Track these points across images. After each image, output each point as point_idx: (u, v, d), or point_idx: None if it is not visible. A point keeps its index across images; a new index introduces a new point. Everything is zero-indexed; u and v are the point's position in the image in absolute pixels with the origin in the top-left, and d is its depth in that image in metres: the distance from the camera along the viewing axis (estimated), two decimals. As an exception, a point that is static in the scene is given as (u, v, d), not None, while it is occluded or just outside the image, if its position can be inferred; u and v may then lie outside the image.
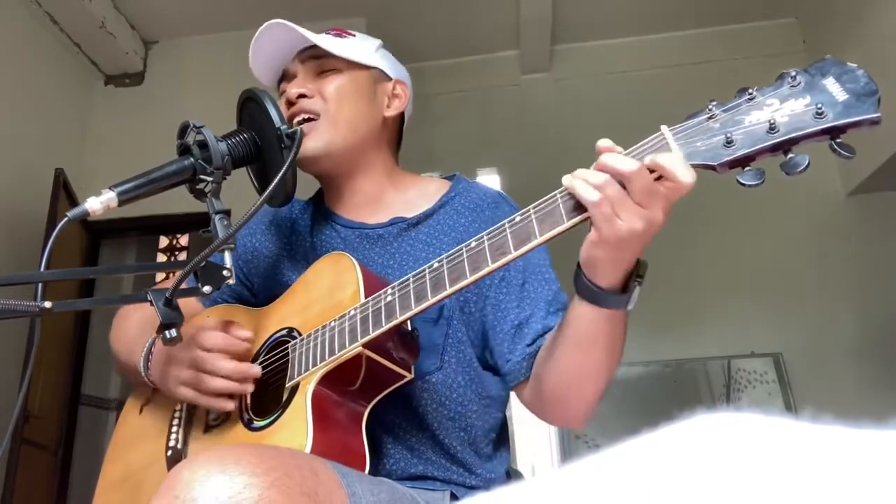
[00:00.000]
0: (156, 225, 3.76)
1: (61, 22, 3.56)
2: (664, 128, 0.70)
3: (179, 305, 0.83)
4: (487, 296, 0.99)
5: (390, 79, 1.13)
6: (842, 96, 0.62)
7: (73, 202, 3.21)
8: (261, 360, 0.97)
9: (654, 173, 0.67)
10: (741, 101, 0.67)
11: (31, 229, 3.10)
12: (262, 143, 0.95)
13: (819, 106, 0.62)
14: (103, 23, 3.59)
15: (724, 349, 3.58)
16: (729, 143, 0.65)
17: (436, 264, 0.80)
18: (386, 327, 0.81)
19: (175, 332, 0.81)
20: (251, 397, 0.94)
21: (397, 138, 1.18)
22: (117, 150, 3.64)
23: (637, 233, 0.68)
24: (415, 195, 1.11)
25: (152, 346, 0.99)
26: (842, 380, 3.27)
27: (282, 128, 0.90)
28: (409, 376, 0.89)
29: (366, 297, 0.87)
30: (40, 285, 0.79)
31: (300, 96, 1.05)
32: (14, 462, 2.74)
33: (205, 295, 0.85)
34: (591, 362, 0.83)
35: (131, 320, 1.12)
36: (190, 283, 0.86)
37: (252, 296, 1.15)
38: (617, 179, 0.68)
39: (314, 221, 1.13)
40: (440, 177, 1.16)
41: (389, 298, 0.83)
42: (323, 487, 0.67)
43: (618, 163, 0.68)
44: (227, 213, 0.89)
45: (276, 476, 0.62)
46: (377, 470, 0.90)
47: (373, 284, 0.89)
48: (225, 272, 0.86)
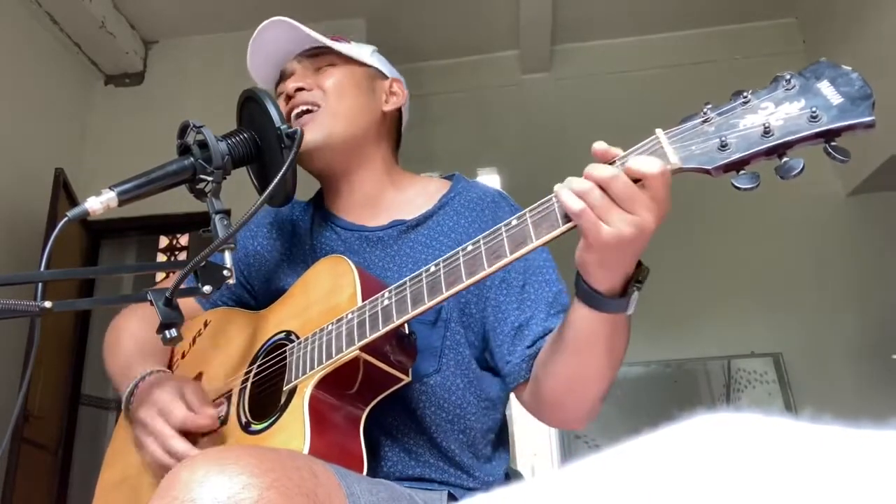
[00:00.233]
0: (156, 225, 3.77)
1: (61, 22, 3.56)
2: (659, 131, 0.70)
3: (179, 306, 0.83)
4: (488, 297, 0.99)
5: (387, 77, 1.14)
6: (836, 100, 0.62)
7: (73, 202, 3.21)
8: (259, 362, 0.97)
9: (639, 182, 0.68)
10: (736, 105, 0.67)
11: (31, 229, 3.10)
12: (262, 142, 0.95)
13: (813, 109, 0.62)
14: (103, 23, 3.59)
15: (724, 349, 3.58)
16: (723, 146, 0.65)
17: (433, 268, 0.80)
18: (383, 331, 0.81)
19: (175, 332, 0.81)
20: (249, 400, 0.94)
21: (396, 137, 1.17)
22: (117, 150, 3.64)
23: (626, 238, 0.68)
24: (414, 195, 1.10)
25: (135, 389, 0.97)
26: (842, 380, 3.28)
27: (282, 127, 0.90)
28: (407, 379, 0.89)
29: (363, 300, 0.86)
30: (40, 285, 0.79)
31: (298, 90, 1.05)
32: (14, 462, 2.74)
33: (205, 295, 0.85)
34: (591, 365, 0.83)
35: (121, 343, 1.09)
36: (190, 282, 0.86)
37: (252, 298, 1.15)
38: (599, 186, 0.68)
39: (314, 224, 1.13)
40: (440, 176, 1.16)
41: (386, 302, 0.83)
42: (322, 488, 0.67)
43: (597, 170, 0.68)
44: (227, 213, 0.89)
45: (275, 476, 0.62)
46: (375, 472, 0.90)
47: (370, 287, 0.89)
48: (225, 272, 0.86)
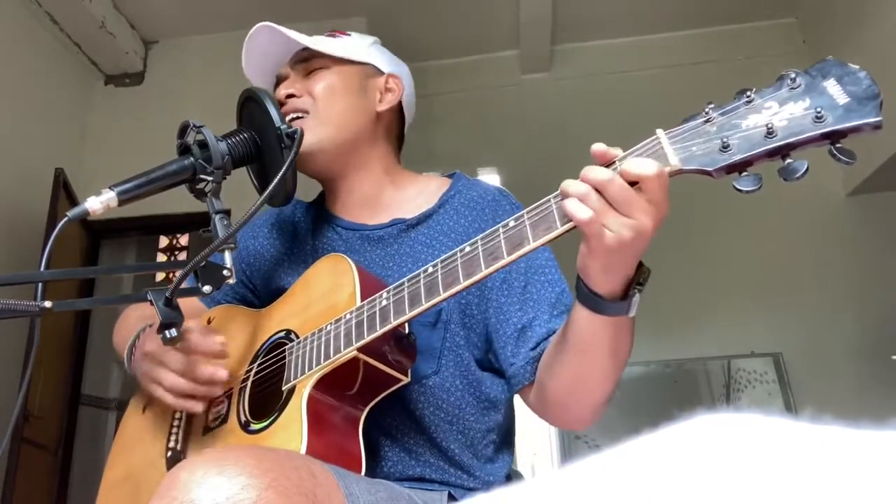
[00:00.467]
0: (156, 225, 3.76)
1: (61, 22, 3.56)
2: (660, 131, 0.68)
3: (182, 305, 0.83)
4: (490, 298, 0.98)
5: (382, 73, 1.13)
6: (843, 99, 0.60)
7: (73, 202, 3.21)
8: (259, 361, 0.98)
9: (636, 184, 0.67)
10: (739, 104, 0.65)
11: (31, 229, 3.10)
12: (262, 142, 0.95)
13: (819, 109, 0.60)
14: (103, 23, 3.59)
15: (724, 349, 3.58)
16: (725, 147, 0.63)
17: (430, 269, 0.80)
18: (380, 332, 0.81)
19: (175, 332, 0.81)
20: (249, 399, 0.95)
21: (397, 135, 1.17)
22: (117, 150, 3.64)
23: (626, 242, 0.67)
24: (415, 194, 1.10)
25: (136, 340, 0.99)
26: (842, 380, 3.27)
27: (282, 127, 0.90)
28: (406, 380, 0.89)
29: (363, 299, 0.86)
30: (40, 285, 0.79)
31: (289, 96, 1.06)
32: (14, 462, 2.74)
33: (205, 295, 0.85)
34: (595, 367, 0.82)
35: (131, 318, 1.12)
36: (190, 282, 0.86)
37: (255, 297, 1.15)
38: (596, 189, 0.67)
39: (315, 224, 1.13)
40: (441, 175, 1.16)
41: (384, 303, 0.83)
42: (321, 488, 0.67)
43: (592, 173, 0.67)
44: (227, 213, 0.89)
45: (274, 477, 0.62)
46: (374, 472, 0.90)
47: (370, 287, 0.89)
48: (225, 272, 0.86)
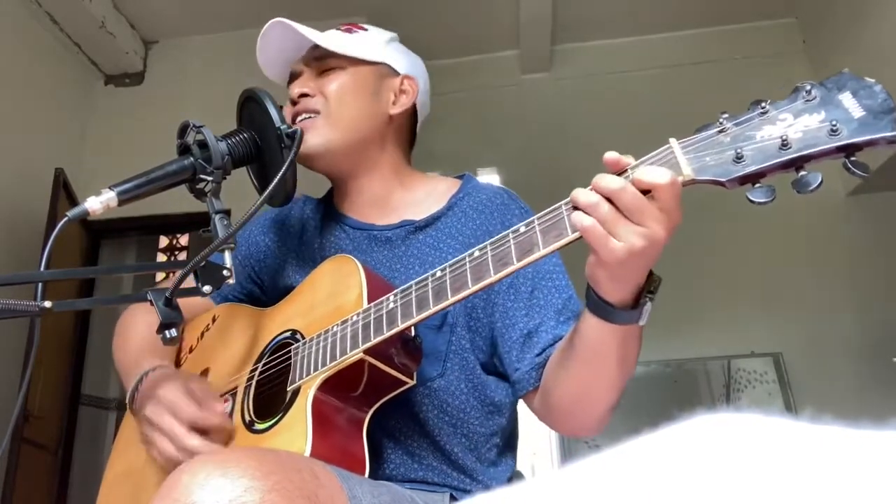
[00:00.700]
0: (156, 225, 3.77)
1: (61, 22, 3.56)
2: (673, 141, 0.68)
3: (188, 302, 0.83)
4: (496, 303, 0.98)
5: (398, 74, 1.12)
6: (858, 113, 0.59)
7: (73, 202, 3.21)
8: (264, 361, 0.98)
9: (648, 193, 0.66)
10: (753, 115, 0.65)
11: (31, 229, 3.10)
12: (262, 142, 0.95)
13: (834, 122, 0.59)
14: (103, 23, 3.59)
15: (724, 349, 3.58)
16: (739, 158, 0.62)
17: (438, 273, 0.79)
18: (387, 334, 0.81)
19: (175, 332, 0.81)
20: (253, 399, 0.95)
21: (408, 136, 1.16)
22: (117, 150, 3.64)
23: (636, 251, 0.66)
24: (424, 195, 1.10)
25: (139, 385, 0.97)
26: (842, 380, 3.27)
27: (282, 127, 0.90)
28: (411, 383, 0.88)
29: (369, 301, 0.86)
30: (40, 285, 0.79)
31: (302, 95, 1.05)
32: (14, 462, 2.74)
33: (204, 295, 0.85)
34: (602, 376, 0.82)
35: (129, 338, 1.10)
36: (191, 282, 0.86)
37: (262, 293, 1.15)
38: (607, 198, 0.67)
39: (324, 221, 1.13)
40: (451, 176, 1.15)
41: (391, 306, 0.82)
42: (324, 490, 0.67)
43: (604, 181, 0.67)
44: (227, 213, 0.89)
45: (277, 479, 0.61)
46: (377, 474, 0.89)
47: (377, 288, 0.89)
48: (225, 272, 0.86)
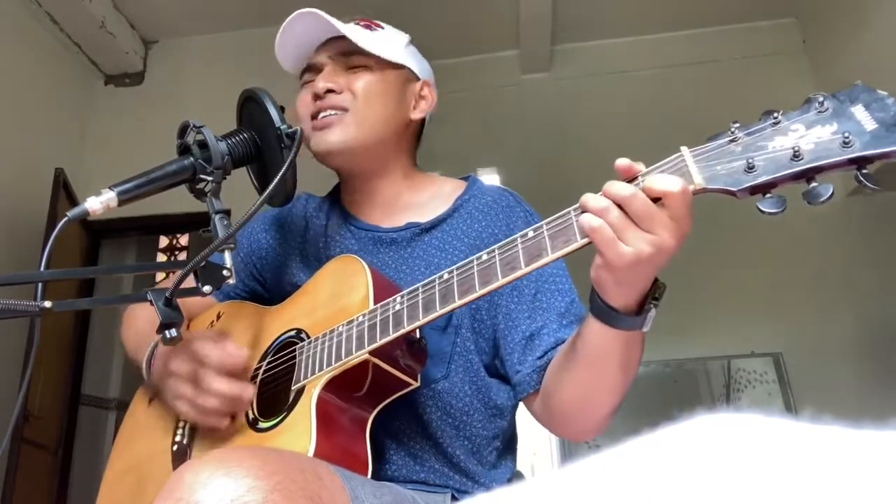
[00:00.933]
0: (156, 225, 3.77)
1: (61, 22, 3.56)
2: (684, 149, 0.68)
3: (191, 300, 0.83)
4: (499, 304, 0.98)
5: (418, 79, 1.12)
6: (870, 125, 0.59)
7: (73, 202, 3.21)
8: (268, 360, 0.97)
9: (658, 200, 0.66)
10: (765, 125, 0.65)
11: (31, 229, 3.10)
12: (262, 142, 0.95)
13: (846, 134, 0.59)
14: (103, 23, 3.59)
15: (724, 349, 3.58)
16: (750, 168, 0.62)
17: (446, 275, 0.79)
18: (393, 336, 0.81)
19: (175, 332, 0.81)
20: (258, 397, 0.95)
21: (417, 140, 1.17)
22: (117, 150, 3.64)
23: (644, 257, 0.67)
24: (430, 197, 1.10)
25: (154, 351, 0.99)
26: (842, 380, 3.27)
27: (282, 127, 0.90)
28: (415, 384, 0.89)
29: (375, 301, 0.86)
30: (40, 285, 0.79)
31: (328, 91, 1.03)
32: (14, 462, 2.74)
33: (204, 295, 0.85)
34: (603, 380, 0.82)
35: (139, 320, 1.12)
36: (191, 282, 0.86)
37: (265, 292, 1.15)
38: (617, 204, 0.67)
39: (329, 221, 1.13)
40: (456, 177, 1.15)
41: (398, 307, 0.83)
42: (326, 491, 0.67)
43: (614, 188, 0.67)
44: (227, 213, 0.89)
45: (279, 479, 0.62)
46: (379, 475, 0.89)
47: (383, 289, 0.89)
48: (225, 272, 0.86)
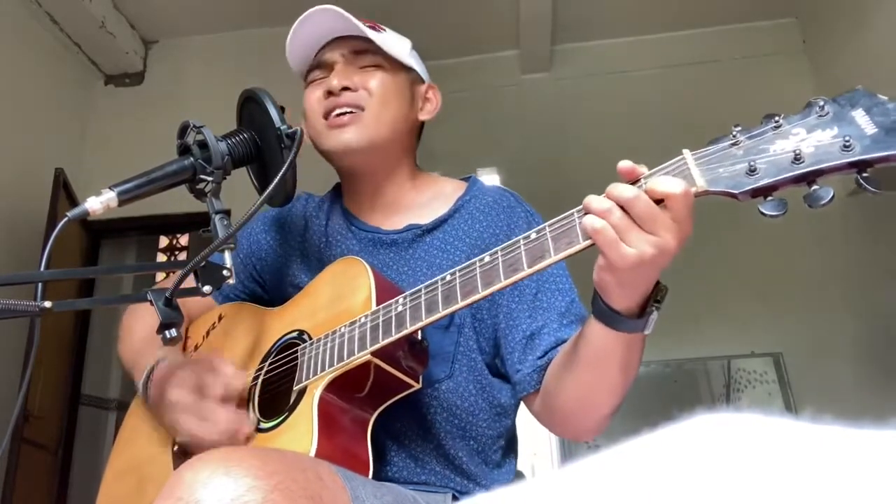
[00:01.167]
0: (156, 225, 3.77)
1: (61, 22, 3.56)
2: (686, 152, 0.68)
3: (191, 302, 0.83)
4: (500, 304, 0.98)
5: (423, 82, 1.13)
6: (871, 129, 0.60)
7: (73, 202, 3.21)
8: (270, 360, 0.98)
9: (660, 202, 0.67)
10: (767, 129, 0.65)
11: (31, 229, 3.10)
12: (262, 142, 0.95)
13: (847, 138, 0.60)
14: (103, 23, 3.59)
15: (724, 349, 3.58)
16: (752, 171, 0.63)
17: (448, 277, 0.80)
18: (395, 337, 0.81)
19: (175, 332, 0.81)
20: (259, 398, 0.95)
21: (418, 141, 1.17)
22: (117, 150, 3.64)
23: (646, 259, 0.67)
24: (431, 197, 1.10)
25: (151, 374, 0.98)
26: (842, 380, 3.27)
27: (282, 128, 0.90)
28: (417, 386, 0.89)
29: (377, 303, 0.87)
30: (40, 285, 0.79)
31: (344, 89, 1.03)
32: (14, 462, 2.74)
33: (204, 295, 0.85)
34: (604, 382, 0.82)
35: (135, 330, 1.11)
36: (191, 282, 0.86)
37: (264, 292, 1.15)
38: (620, 206, 0.67)
39: (329, 221, 1.13)
40: (457, 178, 1.15)
41: (400, 308, 0.83)
42: (327, 491, 0.67)
43: (617, 190, 0.68)
44: (227, 213, 0.89)
45: (280, 479, 0.62)
46: (380, 477, 0.89)
47: (385, 290, 0.89)
48: (225, 272, 0.86)
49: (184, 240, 4.80)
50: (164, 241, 4.84)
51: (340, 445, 0.83)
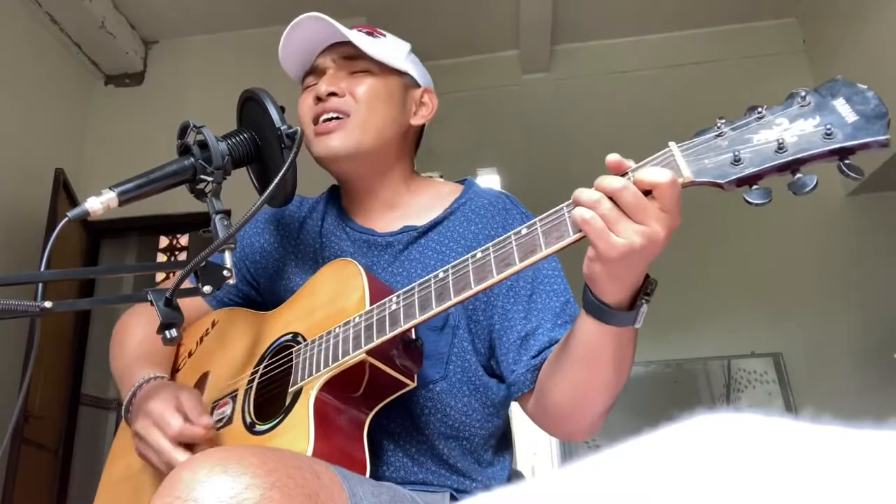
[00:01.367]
0: (156, 225, 3.77)
1: (61, 22, 3.56)
2: (672, 144, 0.69)
3: (185, 307, 0.83)
4: (495, 305, 0.98)
5: (419, 86, 1.12)
6: (851, 118, 0.62)
7: (73, 202, 3.21)
8: (265, 363, 0.97)
9: (649, 193, 0.67)
10: (750, 120, 0.67)
11: (31, 229, 3.10)
12: (263, 143, 0.95)
13: (828, 127, 0.62)
14: (103, 23, 3.59)
15: (724, 349, 3.58)
16: (737, 161, 0.65)
17: (441, 274, 0.80)
18: (390, 335, 0.81)
19: (175, 332, 0.81)
20: (254, 401, 0.95)
21: (417, 145, 1.17)
22: (117, 149, 3.64)
23: (636, 249, 0.67)
24: (427, 200, 1.10)
25: (132, 398, 0.98)
26: (842, 380, 3.28)
27: (282, 128, 0.90)
28: (412, 385, 0.89)
29: (371, 304, 0.86)
30: (40, 285, 0.79)
31: (331, 94, 1.03)
32: (14, 462, 2.74)
33: (205, 295, 0.85)
34: (597, 379, 0.82)
35: (125, 345, 1.11)
36: (190, 282, 0.86)
37: (259, 295, 1.15)
38: (609, 197, 0.68)
39: (324, 223, 1.13)
40: (453, 181, 1.15)
41: (394, 307, 0.83)
42: (324, 489, 0.67)
43: (606, 181, 0.68)
44: (227, 213, 0.89)
45: (278, 477, 0.62)
46: (377, 477, 0.89)
47: (379, 291, 0.89)
48: (225, 272, 0.86)
49: (184, 240, 4.80)
50: (164, 242, 4.84)
51: (337, 446, 0.83)
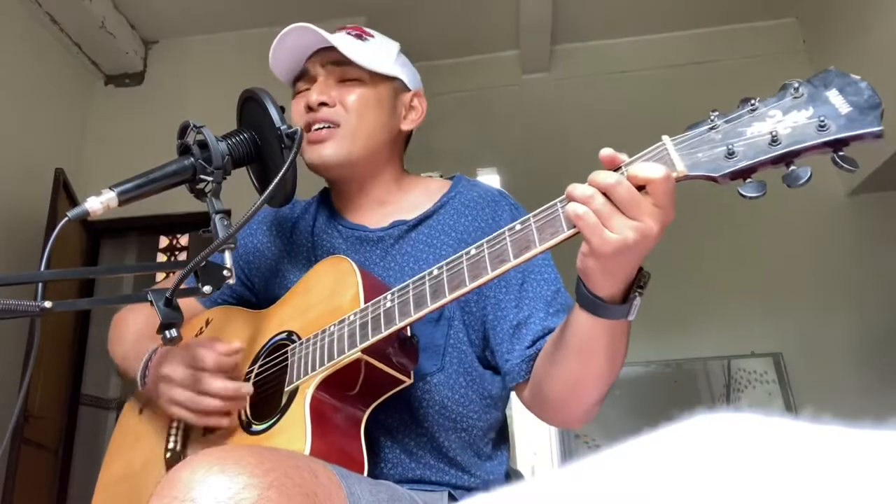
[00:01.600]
0: (156, 225, 3.76)
1: (61, 22, 3.56)
2: (665, 138, 0.69)
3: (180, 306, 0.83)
4: (487, 296, 0.99)
5: (408, 90, 1.13)
6: (845, 109, 0.61)
7: (73, 202, 3.21)
8: (260, 363, 0.97)
9: (643, 188, 0.67)
10: (743, 112, 0.66)
11: (31, 229, 3.10)
12: (262, 143, 0.95)
13: (822, 118, 0.61)
14: (103, 23, 3.59)
15: (724, 349, 3.58)
16: (730, 154, 0.64)
17: (435, 271, 0.80)
18: (385, 333, 0.81)
19: (175, 332, 0.81)
20: (250, 400, 0.95)
21: (406, 145, 1.18)
22: (117, 149, 3.64)
23: (629, 244, 0.68)
24: (417, 196, 1.11)
25: (149, 361, 0.98)
26: (842, 380, 3.27)
27: (282, 128, 0.90)
28: (408, 381, 0.89)
29: (366, 301, 0.87)
30: (40, 285, 0.79)
31: (321, 104, 1.04)
32: (14, 462, 2.74)
33: (205, 295, 0.85)
34: (591, 370, 0.83)
35: (127, 328, 1.12)
36: (190, 282, 0.86)
37: (253, 295, 1.15)
38: (603, 192, 0.68)
39: (316, 222, 1.13)
40: (442, 177, 1.16)
41: (389, 305, 0.83)
42: (322, 489, 0.67)
43: (599, 176, 0.68)
44: (227, 213, 0.89)
45: (275, 477, 0.62)
46: (375, 474, 0.90)
47: (373, 288, 0.89)
48: (225, 272, 0.86)
49: (184, 240, 4.80)
50: (164, 241, 4.84)
51: (334, 445, 0.83)
